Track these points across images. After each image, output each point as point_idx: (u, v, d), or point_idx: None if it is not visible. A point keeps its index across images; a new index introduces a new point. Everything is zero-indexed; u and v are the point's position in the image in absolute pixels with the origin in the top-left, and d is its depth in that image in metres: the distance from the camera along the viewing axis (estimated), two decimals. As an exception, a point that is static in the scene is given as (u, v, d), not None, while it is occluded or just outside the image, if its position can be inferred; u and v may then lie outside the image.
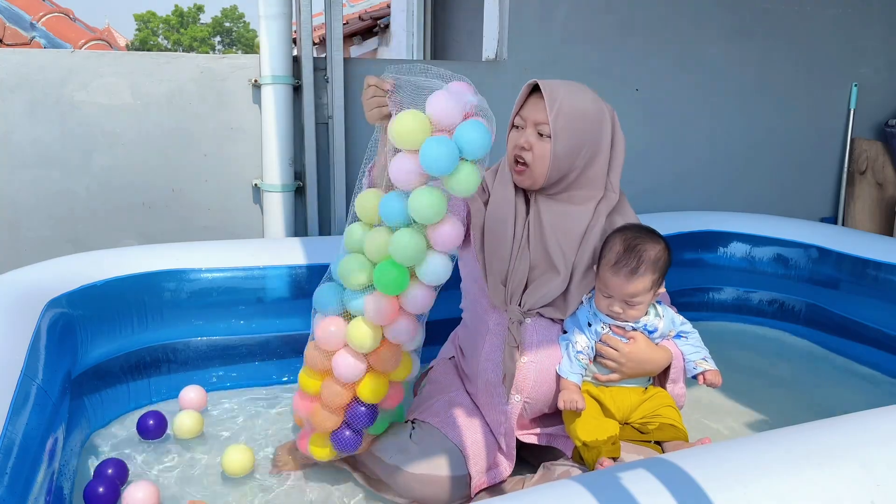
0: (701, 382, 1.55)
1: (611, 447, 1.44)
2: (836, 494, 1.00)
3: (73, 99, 2.51)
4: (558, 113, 1.53)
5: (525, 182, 1.61)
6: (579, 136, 1.56)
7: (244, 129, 2.72)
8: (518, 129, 1.62)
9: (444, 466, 1.52)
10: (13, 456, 1.13)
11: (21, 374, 1.33)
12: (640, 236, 1.50)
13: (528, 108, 1.59)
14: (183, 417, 1.85)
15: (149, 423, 1.84)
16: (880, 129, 3.76)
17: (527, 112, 1.59)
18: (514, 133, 1.63)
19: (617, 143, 1.64)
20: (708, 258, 2.84)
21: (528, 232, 1.62)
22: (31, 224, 2.55)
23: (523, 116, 1.60)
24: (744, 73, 3.42)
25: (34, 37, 4.86)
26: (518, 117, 1.62)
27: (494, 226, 1.62)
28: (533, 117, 1.57)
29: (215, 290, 2.10)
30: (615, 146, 1.64)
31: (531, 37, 3.02)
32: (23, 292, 1.68)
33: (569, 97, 1.55)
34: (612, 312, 1.51)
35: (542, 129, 1.56)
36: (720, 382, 1.54)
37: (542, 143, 1.56)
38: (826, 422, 1.18)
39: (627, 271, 1.46)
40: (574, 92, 1.57)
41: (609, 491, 0.96)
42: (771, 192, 3.59)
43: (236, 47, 31.86)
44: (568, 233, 1.60)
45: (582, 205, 1.62)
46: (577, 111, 1.55)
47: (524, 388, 1.57)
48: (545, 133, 1.55)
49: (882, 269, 2.37)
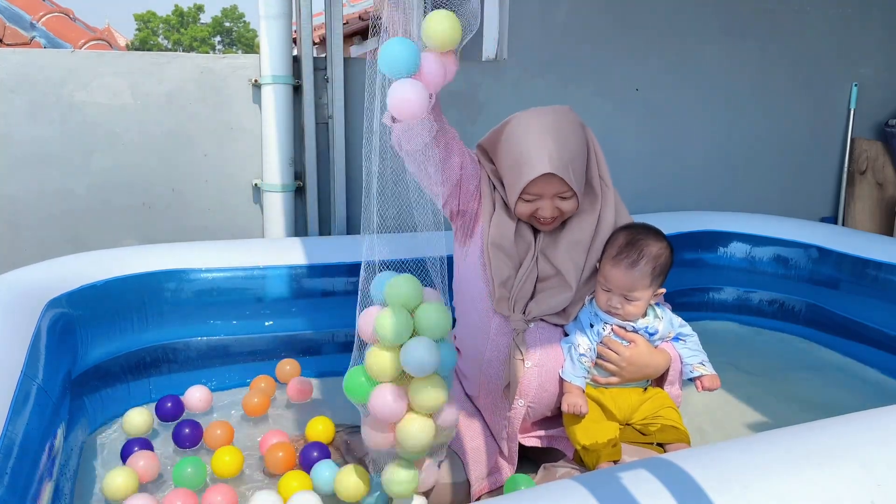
0: (699, 389, 1.55)
1: (610, 450, 1.44)
2: (836, 494, 1.00)
3: (73, 99, 2.51)
4: (573, 174, 1.49)
5: (548, 228, 1.57)
6: (580, 163, 1.54)
7: (244, 129, 2.72)
8: (530, 202, 1.53)
9: (444, 473, 1.52)
10: (13, 456, 1.13)
11: (21, 374, 1.33)
12: (644, 232, 1.51)
13: (538, 185, 1.49)
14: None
15: (166, 405, 1.90)
16: (880, 129, 3.76)
17: (539, 189, 1.50)
18: (525, 205, 1.53)
19: (591, 137, 1.61)
20: (708, 258, 2.84)
21: (537, 249, 1.58)
22: (31, 224, 2.55)
23: (535, 193, 1.51)
24: (744, 72, 3.42)
25: (34, 37, 4.86)
26: (527, 194, 1.51)
27: (500, 236, 1.58)
28: (550, 192, 1.50)
29: (215, 290, 2.10)
30: (591, 140, 1.61)
31: (531, 37, 3.02)
32: (23, 292, 1.68)
33: (565, 148, 1.48)
34: (611, 308, 1.51)
35: (564, 195, 1.51)
36: (718, 386, 1.54)
37: (567, 203, 1.52)
38: (826, 422, 1.17)
39: (627, 263, 1.46)
40: (561, 136, 1.49)
41: (609, 491, 0.96)
42: (771, 192, 3.59)
43: (236, 47, 31.86)
44: (575, 244, 1.57)
45: (586, 213, 1.59)
46: (575, 151, 1.51)
47: (528, 393, 1.56)
48: (568, 196, 1.51)
49: (882, 269, 2.37)
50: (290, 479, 1.57)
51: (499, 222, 1.58)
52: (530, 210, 1.53)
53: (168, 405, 1.92)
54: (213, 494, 1.51)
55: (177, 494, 1.50)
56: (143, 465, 1.63)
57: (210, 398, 2.00)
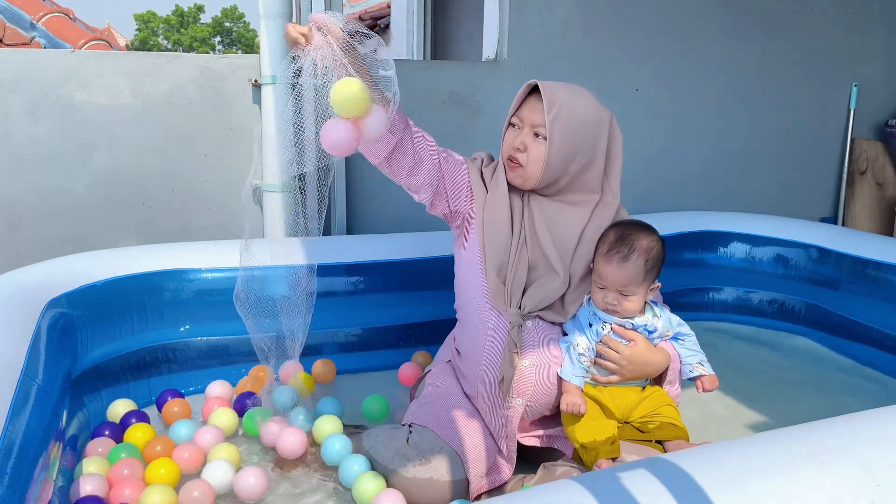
0: (700, 390, 1.55)
1: (609, 447, 1.45)
2: (836, 494, 1.00)
3: (73, 99, 2.51)
4: (556, 117, 1.53)
5: (517, 180, 1.62)
6: (575, 142, 1.56)
7: (244, 129, 2.72)
8: (515, 128, 1.62)
9: (443, 471, 1.51)
10: (13, 456, 1.13)
11: (21, 374, 1.33)
12: (633, 227, 1.54)
13: (525, 108, 1.59)
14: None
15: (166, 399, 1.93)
16: (880, 129, 3.76)
17: (524, 113, 1.59)
18: (510, 132, 1.63)
19: (614, 148, 1.64)
20: (708, 258, 2.84)
21: (525, 231, 1.62)
22: (31, 224, 2.55)
23: (521, 117, 1.59)
24: (744, 72, 3.42)
25: (34, 37, 4.86)
26: (515, 117, 1.61)
27: (492, 224, 1.62)
28: (530, 118, 1.57)
29: (215, 290, 2.10)
30: (613, 151, 1.64)
31: (531, 37, 3.02)
32: (23, 292, 1.68)
33: (568, 102, 1.55)
34: (608, 305, 1.51)
35: (538, 131, 1.56)
36: (717, 386, 1.55)
37: (538, 145, 1.56)
38: (826, 422, 1.17)
39: (619, 258, 1.48)
40: (574, 96, 1.57)
41: (609, 491, 0.96)
42: (771, 192, 3.59)
43: (236, 47, 31.87)
44: (563, 234, 1.60)
45: (577, 206, 1.62)
46: (576, 117, 1.55)
47: (526, 392, 1.57)
48: (541, 135, 1.55)
49: (882, 269, 2.37)
50: (219, 415, 1.80)
51: (492, 200, 1.63)
52: (510, 139, 1.60)
53: (168, 399, 1.94)
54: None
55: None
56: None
57: (231, 392, 2.03)
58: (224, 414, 1.83)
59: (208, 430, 1.74)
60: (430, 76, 2.84)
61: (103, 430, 1.76)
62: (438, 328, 2.07)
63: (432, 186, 1.61)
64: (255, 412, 1.78)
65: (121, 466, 1.57)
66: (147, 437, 1.73)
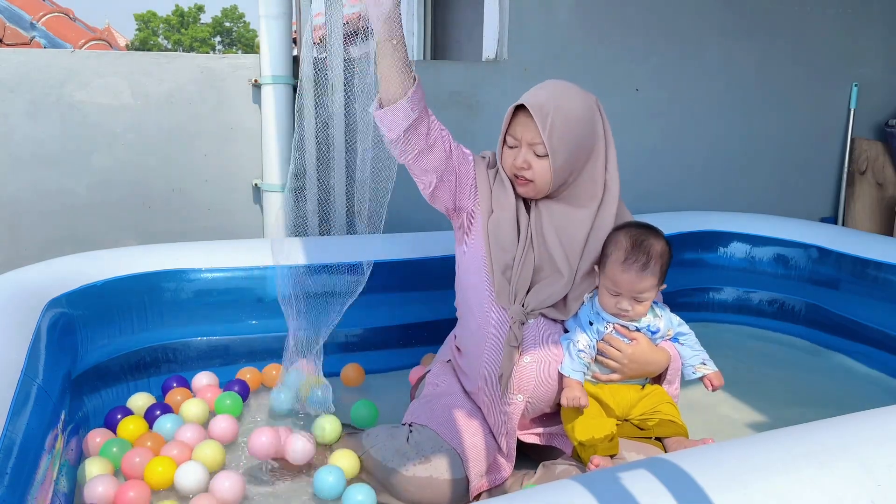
0: (709, 389, 1.55)
1: (608, 445, 1.45)
2: (836, 494, 1.00)
3: (73, 99, 2.51)
4: (551, 130, 1.52)
5: (529, 194, 1.61)
6: (575, 143, 1.55)
7: (244, 129, 2.72)
8: (512, 147, 1.60)
9: (443, 470, 1.51)
10: (13, 456, 1.13)
11: (21, 374, 1.33)
12: (645, 232, 1.52)
13: (518, 127, 1.57)
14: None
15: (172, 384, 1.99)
16: (880, 129, 3.76)
17: (518, 132, 1.57)
18: (508, 152, 1.61)
19: (607, 133, 1.64)
20: (708, 258, 2.84)
21: (532, 233, 1.61)
22: (31, 224, 2.55)
23: (515, 136, 1.58)
24: (744, 72, 3.42)
25: (34, 37, 4.86)
26: (510, 136, 1.59)
27: (497, 225, 1.62)
28: (526, 137, 1.55)
29: (215, 290, 2.10)
30: (606, 131, 1.64)
31: (531, 37, 3.02)
32: (23, 292, 1.68)
33: (558, 109, 1.53)
34: (620, 310, 1.51)
35: (537, 150, 1.54)
36: (724, 383, 1.56)
37: (541, 162, 1.55)
38: (826, 422, 1.17)
39: (638, 267, 1.46)
40: (560, 98, 1.55)
41: (609, 491, 0.96)
42: (771, 192, 3.59)
43: (236, 47, 31.87)
44: (571, 237, 1.59)
45: (584, 207, 1.61)
46: (570, 119, 1.54)
47: (526, 388, 1.57)
48: (541, 153, 1.54)
49: (882, 269, 2.37)
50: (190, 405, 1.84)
51: (498, 200, 1.63)
52: (511, 159, 1.59)
53: (174, 385, 2.00)
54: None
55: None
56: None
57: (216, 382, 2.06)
58: (196, 405, 1.87)
59: (190, 427, 1.76)
60: (431, 76, 2.83)
61: (116, 415, 1.81)
62: (437, 328, 2.07)
63: (438, 173, 1.60)
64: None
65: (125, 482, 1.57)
66: (139, 431, 1.76)
